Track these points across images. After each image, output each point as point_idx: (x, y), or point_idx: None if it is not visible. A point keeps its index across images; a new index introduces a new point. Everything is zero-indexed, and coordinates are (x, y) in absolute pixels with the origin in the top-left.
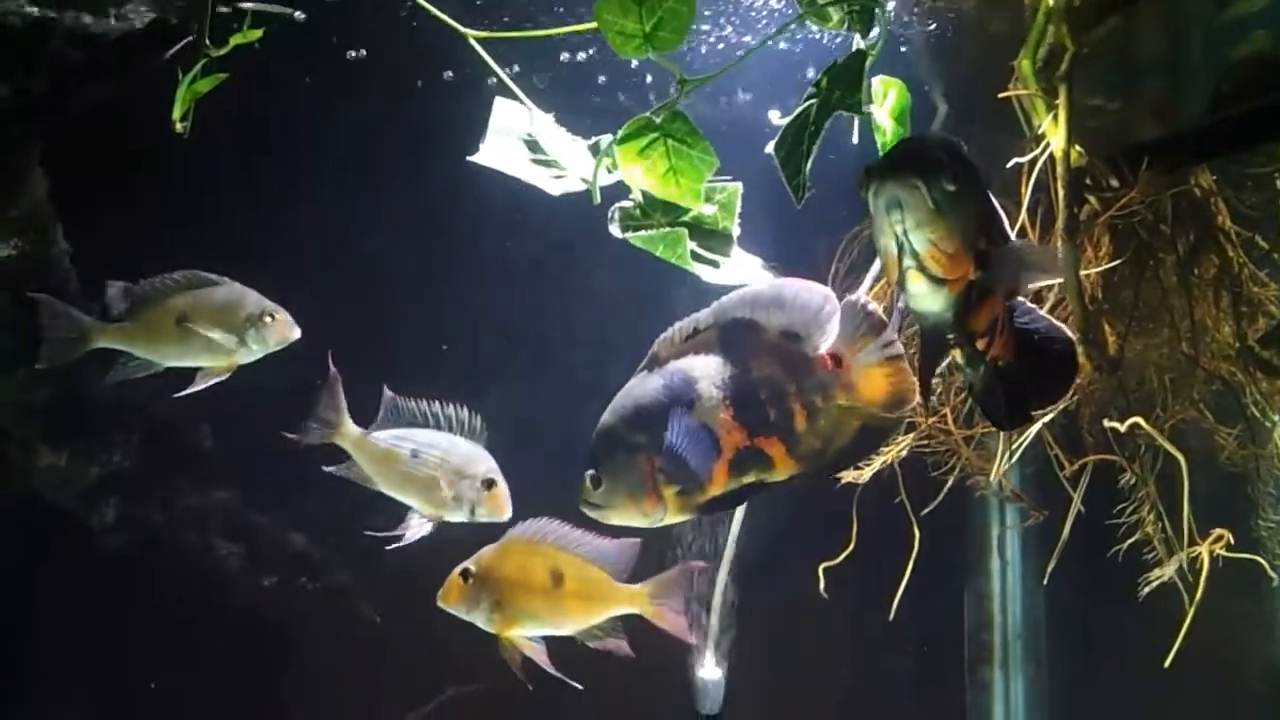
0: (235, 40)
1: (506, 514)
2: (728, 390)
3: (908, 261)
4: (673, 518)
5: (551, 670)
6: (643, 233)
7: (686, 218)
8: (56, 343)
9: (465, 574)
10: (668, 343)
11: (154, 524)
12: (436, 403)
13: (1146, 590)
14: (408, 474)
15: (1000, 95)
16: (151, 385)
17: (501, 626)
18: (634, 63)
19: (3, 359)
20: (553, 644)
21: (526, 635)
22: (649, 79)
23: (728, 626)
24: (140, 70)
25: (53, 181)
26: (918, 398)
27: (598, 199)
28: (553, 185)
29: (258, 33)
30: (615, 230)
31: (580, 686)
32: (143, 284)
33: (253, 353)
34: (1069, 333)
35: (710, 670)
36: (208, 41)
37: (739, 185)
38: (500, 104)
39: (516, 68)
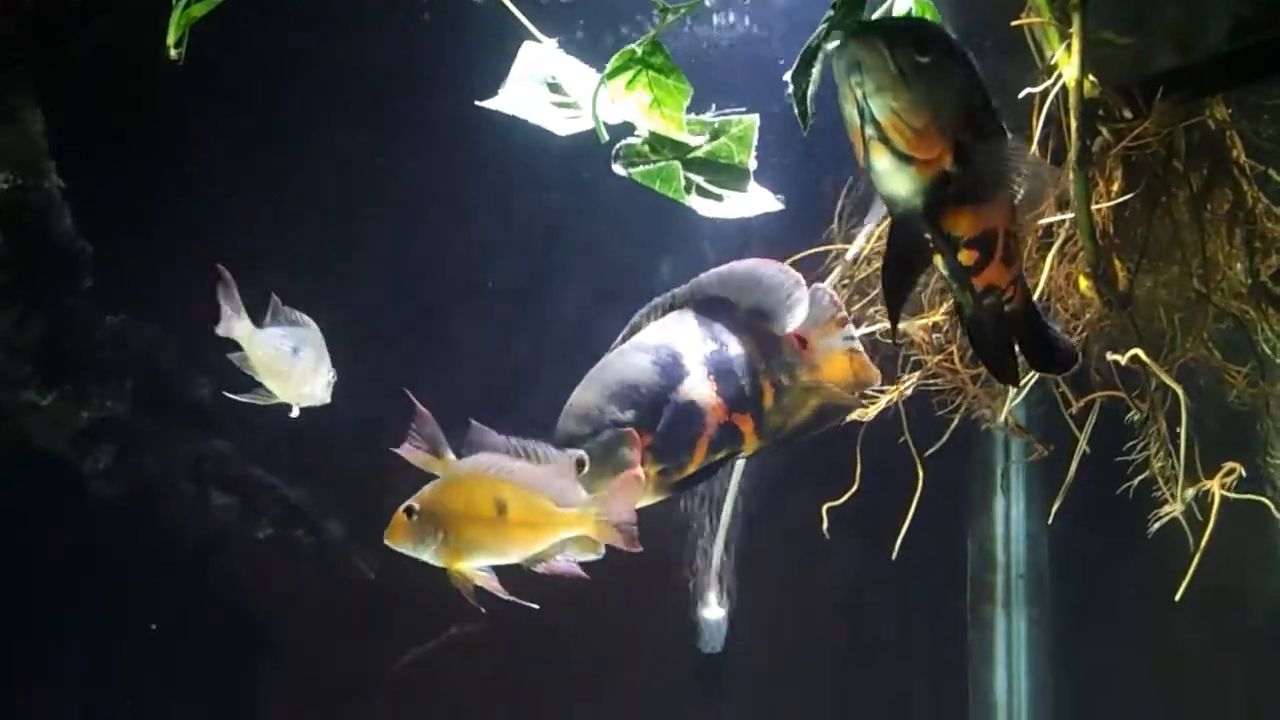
0: None
1: None
2: (710, 365)
3: (869, 130)
4: (648, 499)
5: (506, 596)
6: (641, 168)
7: (700, 153)
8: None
9: (409, 511)
10: (644, 318)
11: (148, 472)
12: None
13: (1156, 527)
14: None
15: (1013, 24)
16: (148, 332)
17: (449, 559)
18: None
19: None
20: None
21: (476, 566)
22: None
23: (730, 566)
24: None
25: (47, 117)
26: (875, 380)
27: (604, 137)
28: (561, 126)
29: None
30: (619, 168)
31: (535, 606)
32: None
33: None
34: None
35: (712, 610)
36: None
37: (755, 118)
38: (527, 48)
39: None
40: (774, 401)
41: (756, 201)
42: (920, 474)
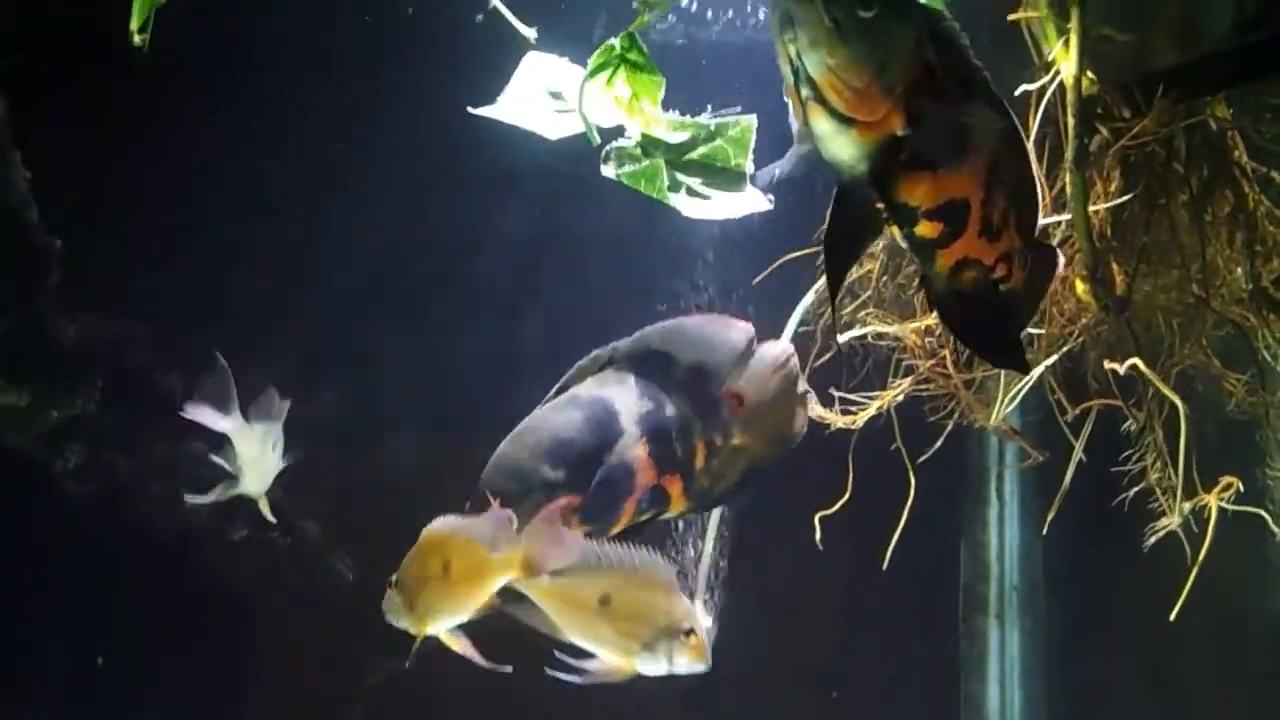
0: None
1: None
2: (644, 426)
3: (805, 90)
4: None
5: (483, 663)
6: (629, 169)
7: (696, 154)
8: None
9: (389, 582)
10: (582, 371)
11: (119, 471)
12: None
13: (1151, 540)
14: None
15: (1009, 19)
16: (118, 328)
17: (418, 626)
18: None
19: None
20: None
21: (442, 629)
22: None
23: (717, 575)
24: None
25: (11, 105)
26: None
27: (595, 139)
28: (551, 129)
29: None
30: (607, 170)
31: (509, 669)
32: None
33: None
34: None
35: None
36: None
37: (753, 119)
38: (531, 57)
39: None
40: (704, 463)
41: (743, 202)
42: (912, 482)
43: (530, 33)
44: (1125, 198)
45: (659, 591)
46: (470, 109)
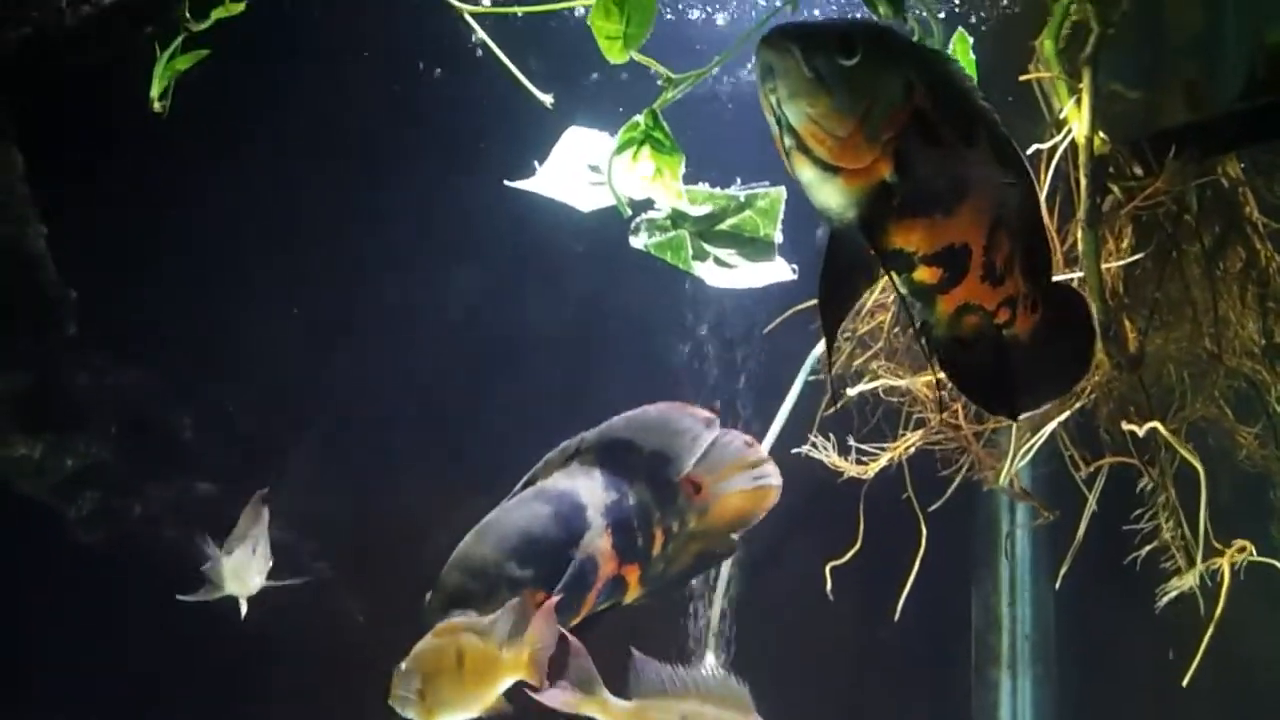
0: (217, 14)
1: None
2: (609, 517)
3: (788, 140)
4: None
5: None
6: (657, 239)
7: (725, 225)
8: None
9: (396, 670)
10: (549, 464)
11: (132, 517)
12: None
13: (1164, 601)
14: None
15: (1021, 78)
16: (131, 377)
17: (426, 717)
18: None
19: None
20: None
21: None
22: None
23: (729, 623)
24: (122, 44)
25: (28, 161)
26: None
27: (626, 212)
28: (585, 202)
29: (240, 5)
30: (636, 241)
31: None
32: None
33: None
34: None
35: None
36: (188, 15)
37: (781, 191)
38: (572, 132)
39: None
40: (661, 549)
41: (768, 272)
42: (923, 531)
43: (547, 99)
44: (1137, 256)
45: (736, 713)
46: (507, 182)
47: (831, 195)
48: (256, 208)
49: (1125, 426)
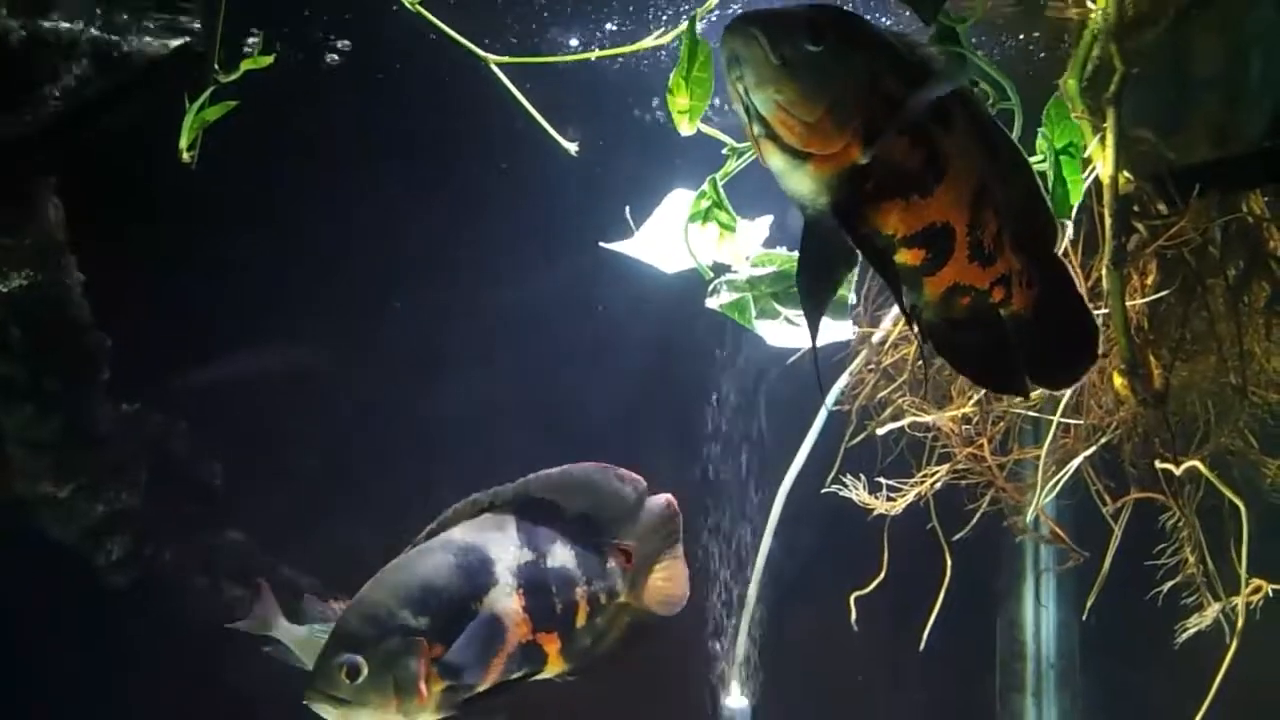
0: (245, 66)
1: None
2: (521, 578)
3: (757, 128)
4: (428, 716)
5: None
6: (728, 300)
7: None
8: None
9: None
10: (457, 514)
11: (161, 563)
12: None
13: (1183, 637)
14: None
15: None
16: (162, 423)
17: None
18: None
19: (11, 391)
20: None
21: None
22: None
23: (755, 654)
24: (157, 97)
25: (66, 210)
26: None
27: (707, 274)
28: (669, 264)
29: (269, 59)
30: (711, 302)
31: None
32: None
33: None
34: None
35: (736, 699)
36: (216, 67)
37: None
38: (674, 195)
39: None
40: (587, 620)
41: (830, 330)
42: (948, 561)
43: (572, 147)
44: (1163, 293)
45: None
46: (602, 244)
47: (802, 182)
48: (294, 260)
49: (1160, 466)
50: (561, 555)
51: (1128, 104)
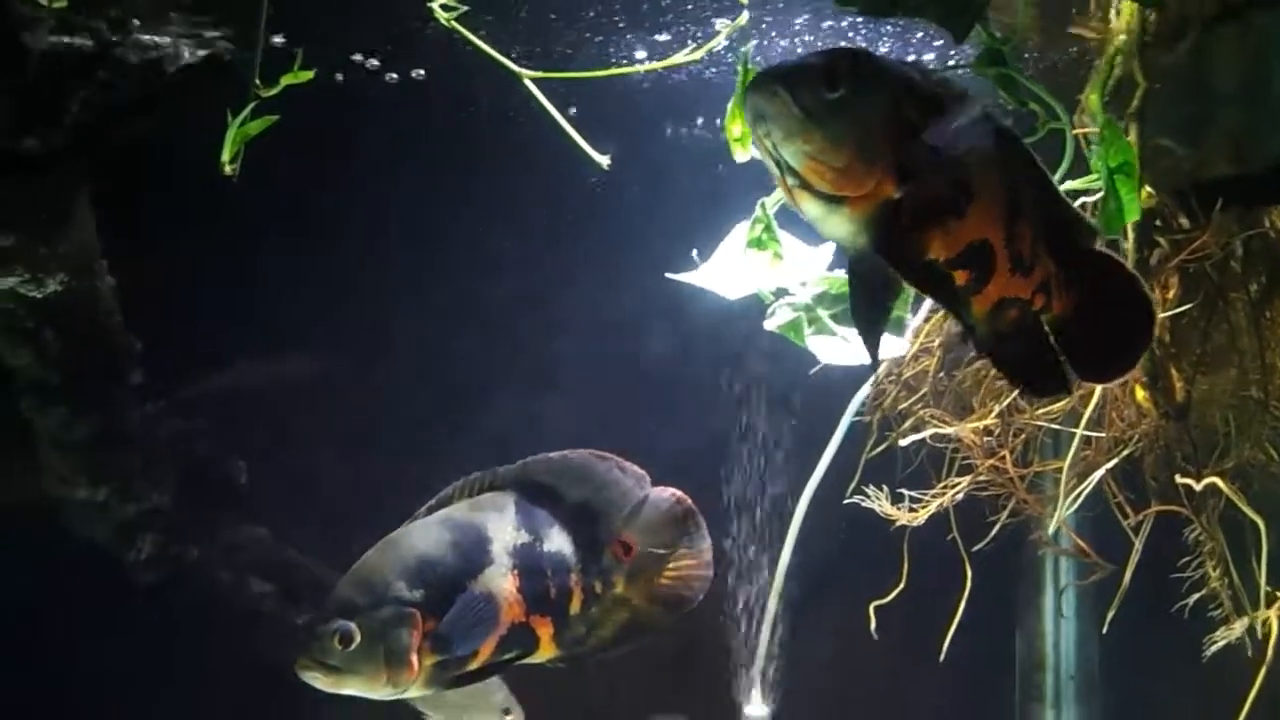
0: (286, 80)
1: None
2: (517, 559)
3: (790, 180)
4: (417, 691)
5: None
6: (786, 321)
7: None
8: None
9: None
10: (458, 491)
11: (188, 560)
12: None
13: (1212, 650)
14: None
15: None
16: (191, 423)
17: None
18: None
19: (45, 395)
20: (593, 682)
21: None
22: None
23: (775, 663)
24: (189, 106)
25: (100, 216)
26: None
27: (768, 299)
28: (731, 290)
29: (309, 74)
30: (769, 324)
31: None
32: None
33: None
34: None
35: (757, 707)
36: (258, 81)
37: None
38: (741, 226)
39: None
40: (581, 609)
41: (886, 348)
42: (968, 572)
43: (604, 160)
44: (1185, 307)
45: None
46: (668, 274)
47: (840, 225)
48: (325, 253)
49: (1180, 481)
50: (558, 541)
51: (1149, 119)
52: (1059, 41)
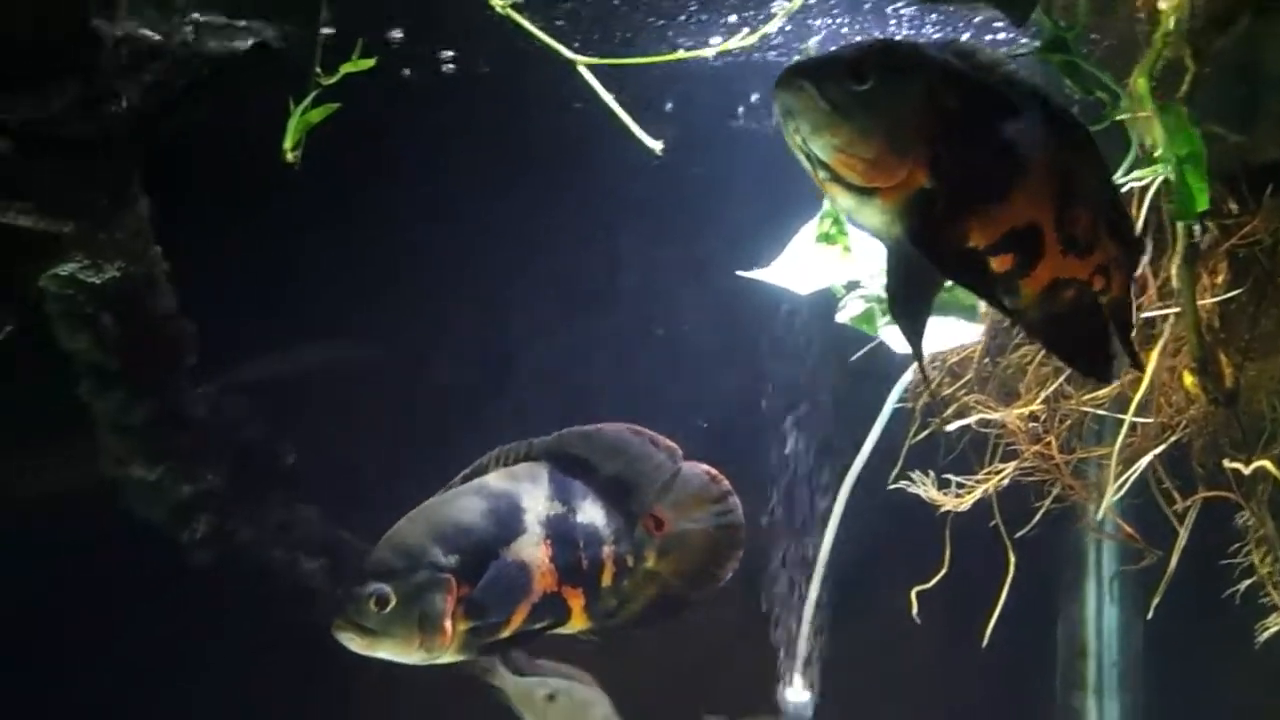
0: (345, 69)
1: None
2: (551, 528)
3: (821, 173)
4: (450, 657)
5: None
6: (857, 312)
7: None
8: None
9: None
10: (493, 460)
11: (241, 540)
12: None
13: (1264, 637)
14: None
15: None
16: (244, 404)
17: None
18: None
19: (102, 378)
20: (635, 665)
21: None
22: None
23: (817, 648)
24: (240, 94)
25: (153, 201)
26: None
27: (840, 293)
28: (802, 285)
29: (370, 61)
30: (841, 316)
31: None
32: None
33: None
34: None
35: (798, 692)
36: (319, 70)
37: None
38: (810, 223)
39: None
40: (613, 581)
41: (954, 333)
42: (1011, 558)
43: (657, 145)
44: (1234, 292)
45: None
46: (740, 272)
47: (873, 216)
48: (371, 238)
49: (1228, 465)
50: (591, 512)
51: (1198, 103)
52: (1103, 27)
